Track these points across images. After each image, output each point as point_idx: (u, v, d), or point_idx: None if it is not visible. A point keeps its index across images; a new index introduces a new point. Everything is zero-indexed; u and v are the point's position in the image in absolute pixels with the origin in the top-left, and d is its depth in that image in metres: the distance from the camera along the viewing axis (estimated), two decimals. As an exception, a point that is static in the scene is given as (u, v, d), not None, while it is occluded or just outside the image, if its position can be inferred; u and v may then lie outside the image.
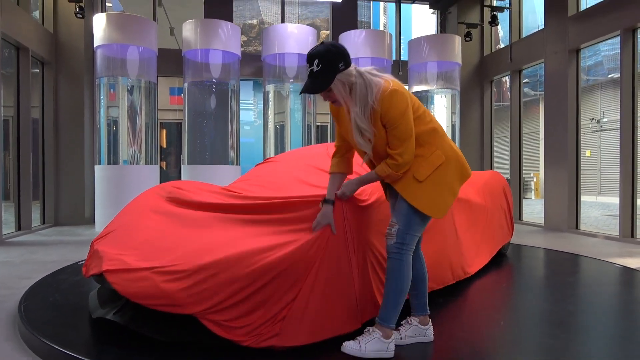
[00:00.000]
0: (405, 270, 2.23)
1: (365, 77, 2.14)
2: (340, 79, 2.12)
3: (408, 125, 2.15)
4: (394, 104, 2.11)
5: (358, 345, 2.16)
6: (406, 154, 2.16)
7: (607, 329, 2.78)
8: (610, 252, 5.61)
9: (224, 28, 7.59)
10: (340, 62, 2.11)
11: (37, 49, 7.78)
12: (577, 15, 7.67)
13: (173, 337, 2.33)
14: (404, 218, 2.23)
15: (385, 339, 2.20)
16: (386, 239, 2.27)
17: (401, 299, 2.24)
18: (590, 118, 11.67)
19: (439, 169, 2.24)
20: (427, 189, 2.22)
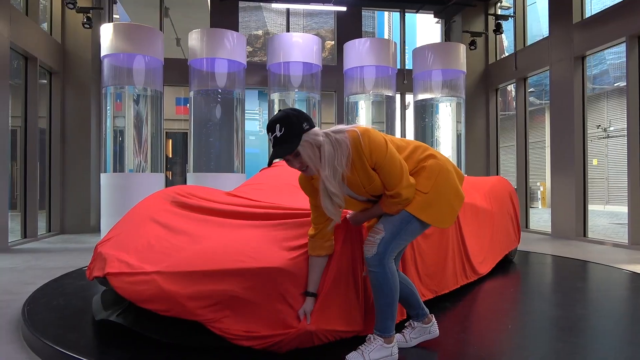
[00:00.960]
0: (391, 281, 2.11)
1: (331, 136, 2.00)
2: (307, 140, 1.96)
3: (396, 159, 2.05)
4: (373, 145, 1.99)
5: (362, 357, 2.10)
6: (405, 188, 2.07)
7: (616, 333, 2.72)
8: (619, 259, 5.54)
9: (230, 37, 7.64)
10: (304, 123, 1.97)
11: (45, 58, 7.87)
12: (582, 23, 7.67)
13: (176, 339, 2.31)
14: (394, 227, 2.11)
15: (388, 344, 2.15)
16: (365, 249, 2.14)
17: (394, 308, 2.16)
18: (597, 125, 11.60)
19: (439, 176, 2.16)
20: (434, 199, 2.13)
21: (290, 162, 2.01)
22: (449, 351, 2.38)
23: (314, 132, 1.99)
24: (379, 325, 2.16)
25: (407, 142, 2.26)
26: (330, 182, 2.01)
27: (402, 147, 2.20)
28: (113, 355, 2.24)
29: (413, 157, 2.19)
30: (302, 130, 1.96)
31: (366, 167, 2.03)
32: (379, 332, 2.15)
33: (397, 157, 2.07)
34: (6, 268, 5.03)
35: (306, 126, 1.97)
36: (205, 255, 2.32)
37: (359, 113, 8.56)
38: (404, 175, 2.08)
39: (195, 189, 3.38)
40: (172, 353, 2.23)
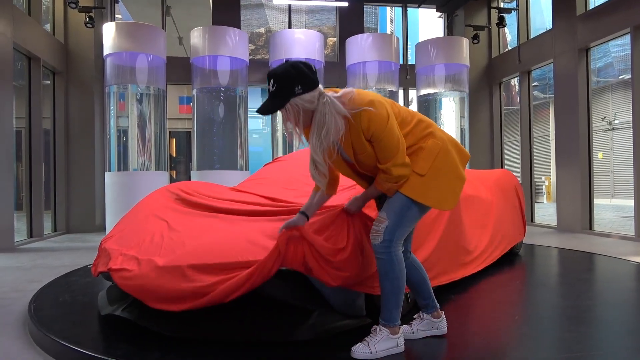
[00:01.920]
0: (398, 268, 2.10)
1: (329, 106, 1.96)
2: (296, 103, 1.94)
3: (393, 135, 2.01)
4: (373, 117, 1.96)
5: (368, 348, 2.08)
6: (398, 166, 2.03)
7: (623, 323, 2.70)
8: (626, 251, 5.50)
9: (232, 34, 7.64)
10: (297, 86, 1.92)
11: (48, 58, 7.89)
12: (585, 14, 7.61)
13: (181, 333, 2.31)
14: (396, 215, 2.08)
15: (393, 335, 2.14)
16: (371, 237, 2.12)
17: (400, 297, 2.14)
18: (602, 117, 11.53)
19: (438, 157, 2.11)
20: (432, 182, 2.09)
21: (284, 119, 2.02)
22: (456, 341, 2.37)
23: (307, 97, 1.95)
24: (384, 315, 2.15)
25: (412, 116, 2.19)
26: (314, 151, 2.02)
27: (405, 121, 2.14)
28: (119, 349, 2.24)
29: (414, 132, 2.14)
30: (292, 94, 1.93)
31: (361, 138, 2.01)
32: (384, 321, 2.14)
33: (395, 134, 2.03)
34: (13, 267, 5.05)
35: (299, 90, 1.92)
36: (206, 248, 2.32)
37: (362, 109, 8.54)
38: (399, 152, 2.03)
39: (199, 185, 3.39)
40: (177, 347, 2.23)
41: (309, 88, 1.95)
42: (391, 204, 2.12)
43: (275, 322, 2.32)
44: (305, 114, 1.98)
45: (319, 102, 1.98)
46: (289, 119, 1.99)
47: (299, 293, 2.28)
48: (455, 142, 2.23)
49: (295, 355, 2.14)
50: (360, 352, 2.08)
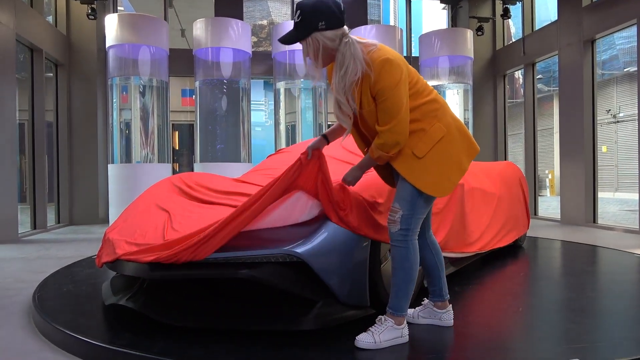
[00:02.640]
0: (413, 258, 2.11)
1: (349, 46, 1.96)
2: (316, 38, 1.95)
3: (399, 99, 1.96)
4: (385, 74, 1.93)
5: (372, 338, 2.08)
6: (396, 131, 1.97)
7: (627, 315, 2.70)
8: (630, 244, 5.48)
9: (234, 26, 7.61)
10: (321, 21, 1.92)
11: (50, 50, 7.88)
12: (591, 6, 7.54)
13: (185, 322, 2.31)
14: (408, 203, 2.07)
15: (398, 325, 2.14)
16: (389, 226, 2.14)
17: (411, 287, 2.15)
18: (607, 110, 11.46)
19: (440, 143, 2.06)
20: (429, 166, 2.05)
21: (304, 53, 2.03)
22: (460, 332, 2.37)
23: (329, 34, 1.96)
24: (392, 303, 2.15)
25: (429, 92, 2.13)
26: (337, 91, 2.02)
27: (419, 94, 2.08)
28: (123, 338, 2.25)
29: (423, 109, 2.08)
30: (315, 28, 1.94)
31: (368, 92, 2.00)
32: (391, 310, 2.15)
33: (400, 99, 1.97)
34: (17, 257, 5.08)
35: (322, 25, 1.93)
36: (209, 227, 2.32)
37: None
38: (399, 119, 1.97)
39: (201, 176, 3.39)
40: (181, 336, 2.23)
41: (333, 26, 1.95)
42: (401, 193, 2.11)
43: (280, 312, 2.32)
44: (325, 51, 1.98)
45: (341, 42, 1.97)
46: (308, 53, 2.00)
47: (303, 283, 2.28)
48: (465, 133, 2.18)
49: (299, 345, 2.14)
50: (365, 342, 2.08)
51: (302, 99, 8.32)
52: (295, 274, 2.26)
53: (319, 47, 1.97)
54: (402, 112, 1.98)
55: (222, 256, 2.26)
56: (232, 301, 2.41)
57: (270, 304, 2.37)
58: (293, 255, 2.20)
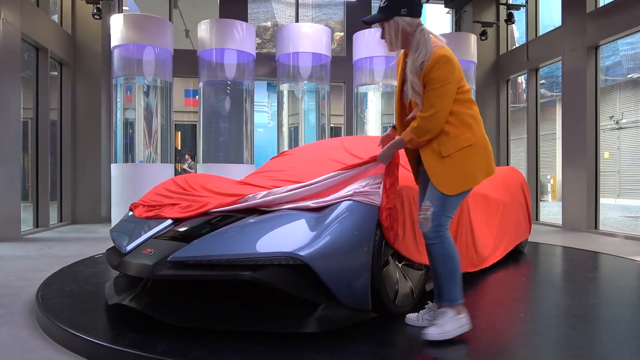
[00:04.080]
0: (450, 250, 2.25)
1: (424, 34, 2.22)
2: (397, 22, 2.22)
3: (443, 94, 2.17)
4: (438, 68, 2.16)
5: (438, 329, 2.21)
6: (432, 120, 2.18)
7: (629, 322, 2.70)
8: (632, 251, 5.48)
9: (239, 28, 7.64)
10: (404, 8, 2.21)
11: (55, 49, 7.91)
12: (595, 12, 7.55)
13: (188, 323, 2.32)
14: (439, 200, 2.24)
15: (458, 315, 2.27)
16: (421, 226, 2.28)
17: (458, 276, 2.27)
18: (610, 116, 11.45)
19: (463, 151, 2.23)
20: (449, 165, 2.23)
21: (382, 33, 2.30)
22: (462, 337, 2.37)
23: (408, 20, 2.23)
24: (445, 296, 2.28)
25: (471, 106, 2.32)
26: (410, 71, 2.24)
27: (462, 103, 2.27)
28: (126, 338, 2.26)
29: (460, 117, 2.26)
30: (397, 13, 2.22)
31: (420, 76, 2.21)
32: (447, 302, 2.27)
33: (447, 94, 2.19)
34: (20, 256, 5.09)
35: (404, 11, 2.21)
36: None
37: (368, 105, 8.52)
38: (436, 110, 2.18)
39: (205, 179, 3.43)
40: (184, 337, 2.24)
41: (412, 14, 2.23)
42: (432, 192, 2.27)
43: (282, 314, 2.33)
44: (403, 34, 2.25)
45: (417, 29, 2.24)
46: (389, 34, 2.26)
47: (305, 286, 2.29)
48: (489, 152, 2.32)
49: (301, 347, 2.15)
50: (433, 334, 2.20)
51: (305, 101, 8.34)
52: (298, 276, 2.27)
53: (397, 29, 2.24)
54: (443, 106, 2.19)
55: (225, 258, 2.28)
56: (235, 302, 2.42)
57: (273, 305, 2.38)
58: (296, 257, 2.22)
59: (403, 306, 2.62)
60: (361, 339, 2.24)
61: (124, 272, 2.56)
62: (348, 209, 2.43)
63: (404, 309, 2.62)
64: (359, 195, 2.44)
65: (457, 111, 2.24)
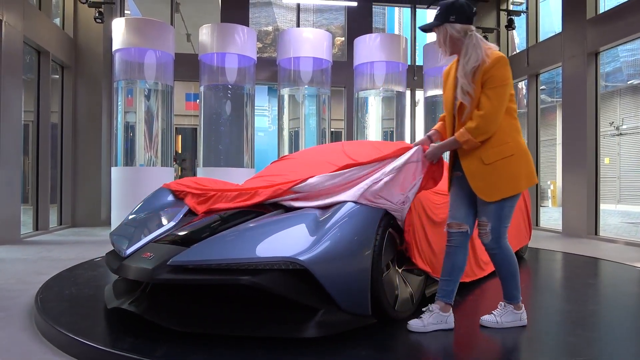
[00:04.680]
0: (510, 257, 2.45)
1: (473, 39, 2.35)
2: (446, 28, 2.37)
3: (502, 93, 2.28)
4: (499, 67, 2.28)
5: (494, 319, 2.47)
6: (490, 118, 2.27)
7: (629, 328, 2.69)
8: (632, 257, 5.48)
9: (240, 32, 7.66)
10: (452, 15, 2.36)
11: (57, 53, 7.93)
12: (595, 18, 7.58)
13: (188, 327, 2.31)
14: (494, 214, 2.39)
15: (517, 310, 2.51)
16: (481, 239, 2.46)
17: (517, 279, 2.49)
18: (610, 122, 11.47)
19: (505, 160, 2.34)
20: (489, 173, 2.34)
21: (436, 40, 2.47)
22: (461, 343, 2.37)
23: (457, 27, 2.37)
24: (506, 295, 2.52)
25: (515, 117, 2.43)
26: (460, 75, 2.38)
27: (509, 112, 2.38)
28: (125, 342, 2.25)
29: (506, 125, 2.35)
30: (446, 20, 2.37)
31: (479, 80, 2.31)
32: (507, 300, 2.51)
33: (504, 96, 2.30)
34: (19, 259, 5.09)
35: (452, 18, 2.36)
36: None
37: (369, 109, 8.54)
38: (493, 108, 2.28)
39: (208, 181, 3.44)
40: (183, 341, 2.24)
41: (461, 21, 2.37)
42: (482, 207, 2.42)
43: (282, 318, 2.32)
44: (452, 40, 2.39)
45: (466, 35, 2.37)
46: (439, 39, 2.44)
47: (305, 291, 2.28)
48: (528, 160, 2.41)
49: (301, 351, 2.15)
50: (488, 322, 2.47)
51: (306, 105, 8.35)
52: (298, 281, 2.27)
53: (446, 35, 2.39)
54: (501, 105, 2.30)
55: (225, 262, 2.28)
56: (234, 307, 2.42)
57: (273, 310, 2.37)
58: (296, 262, 2.22)
59: (403, 312, 2.62)
60: (361, 344, 2.24)
61: (123, 276, 2.56)
62: (348, 213, 2.44)
63: (404, 315, 2.61)
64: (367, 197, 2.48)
65: (503, 120, 2.33)
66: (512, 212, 2.44)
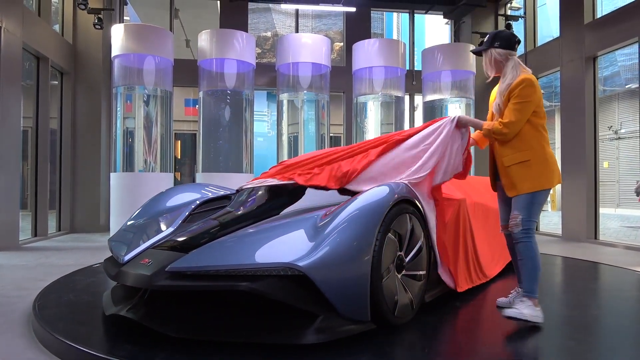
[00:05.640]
0: (535, 250, 2.70)
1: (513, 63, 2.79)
2: (491, 52, 2.83)
3: (521, 109, 2.69)
4: (524, 88, 2.69)
5: (518, 311, 2.63)
6: (505, 126, 2.71)
7: (630, 333, 2.68)
8: (632, 261, 5.47)
9: (239, 38, 7.68)
10: (497, 42, 2.81)
11: (56, 59, 7.94)
12: (593, 23, 7.61)
13: (186, 334, 2.30)
14: (524, 208, 2.70)
15: (535, 306, 2.66)
16: (512, 229, 2.74)
17: (538, 273, 2.71)
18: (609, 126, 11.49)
19: (521, 164, 2.72)
20: (508, 173, 2.77)
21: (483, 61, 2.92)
22: (462, 348, 2.36)
23: (500, 52, 2.81)
24: (525, 287, 2.72)
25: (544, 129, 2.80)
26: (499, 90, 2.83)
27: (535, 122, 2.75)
28: (123, 349, 2.24)
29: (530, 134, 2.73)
30: (491, 45, 2.84)
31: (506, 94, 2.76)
32: (526, 292, 2.70)
33: (524, 112, 2.70)
34: (17, 265, 5.07)
35: (496, 44, 2.82)
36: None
37: (368, 114, 8.54)
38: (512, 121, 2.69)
39: None
40: (182, 348, 2.23)
41: (504, 47, 2.81)
42: (517, 203, 2.74)
43: (280, 325, 2.31)
44: (495, 63, 2.84)
45: (507, 59, 2.81)
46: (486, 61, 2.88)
47: (304, 297, 2.27)
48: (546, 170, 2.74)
49: (300, 358, 2.13)
50: (510, 313, 2.63)
51: (305, 111, 8.36)
52: (297, 287, 2.26)
53: (491, 58, 2.84)
54: (519, 119, 2.70)
55: (223, 268, 2.27)
56: (233, 313, 2.41)
57: (272, 316, 2.36)
58: (295, 268, 2.21)
59: (402, 317, 2.60)
60: (360, 351, 2.23)
61: (121, 282, 2.55)
62: (347, 218, 2.43)
63: (403, 320, 2.60)
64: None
65: (525, 132, 2.73)
66: (541, 209, 2.78)
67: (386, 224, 2.51)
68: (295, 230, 2.48)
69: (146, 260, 2.51)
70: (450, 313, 2.87)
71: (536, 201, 2.72)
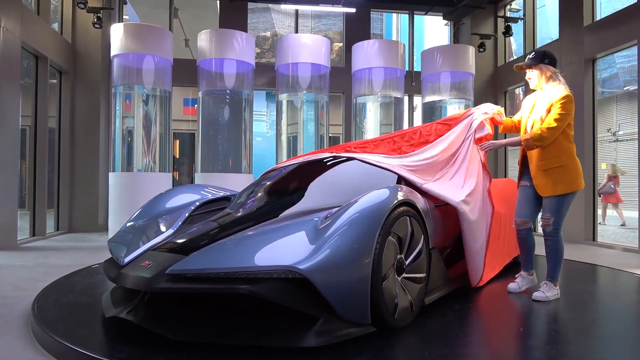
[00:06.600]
0: (562, 246, 3.35)
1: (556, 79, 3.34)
2: (540, 67, 3.36)
3: (560, 119, 3.19)
4: (567, 102, 3.20)
5: (544, 294, 3.29)
6: (544, 131, 3.19)
7: (629, 336, 2.69)
8: (630, 263, 5.48)
9: (238, 38, 7.67)
10: (546, 59, 3.35)
11: (55, 58, 7.93)
12: (592, 25, 7.62)
13: (186, 336, 2.30)
14: (555, 211, 3.26)
15: (555, 287, 3.36)
16: (544, 228, 3.32)
17: (560, 263, 3.34)
18: (607, 129, 11.50)
19: (555, 169, 3.25)
20: (543, 177, 3.30)
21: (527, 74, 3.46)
22: (460, 351, 2.36)
23: (548, 68, 3.34)
24: (550, 274, 3.35)
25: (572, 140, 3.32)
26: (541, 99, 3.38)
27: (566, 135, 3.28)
28: (122, 351, 2.24)
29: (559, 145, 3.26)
30: (542, 61, 3.36)
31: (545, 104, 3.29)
32: (550, 278, 3.34)
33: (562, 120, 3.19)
34: (16, 265, 5.06)
35: (546, 61, 3.36)
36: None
37: (367, 115, 8.54)
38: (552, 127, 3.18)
39: None
40: (181, 351, 2.22)
41: (552, 64, 3.37)
42: (548, 205, 3.31)
43: (281, 328, 2.31)
44: (546, 77, 3.36)
45: (553, 74, 3.35)
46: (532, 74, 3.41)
47: (304, 300, 2.27)
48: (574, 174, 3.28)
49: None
50: (538, 296, 3.28)
51: (304, 111, 8.35)
52: (297, 290, 2.26)
53: (541, 72, 3.37)
54: (558, 127, 3.20)
55: (224, 271, 2.26)
56: (233, 316, 2.40)
57: (272, 319, 2.36)
58: (295, 271, 2.21)
59: (402, 320, 2.61)
60: (360, 354, 2.23)
61: (121, 284, 2.54)
62: (348, 221, 2.43)
63: (403, 323, 2.60)
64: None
65: (560, 141, 3.24)
66: (568, 209, 3.29)
67: (387, 226, 2.51)
68: (296, 232, 2.48)
69: (146, 262, 2.51)
70: (448, 316, 2.88)
71: (566, 203, 3.25)
